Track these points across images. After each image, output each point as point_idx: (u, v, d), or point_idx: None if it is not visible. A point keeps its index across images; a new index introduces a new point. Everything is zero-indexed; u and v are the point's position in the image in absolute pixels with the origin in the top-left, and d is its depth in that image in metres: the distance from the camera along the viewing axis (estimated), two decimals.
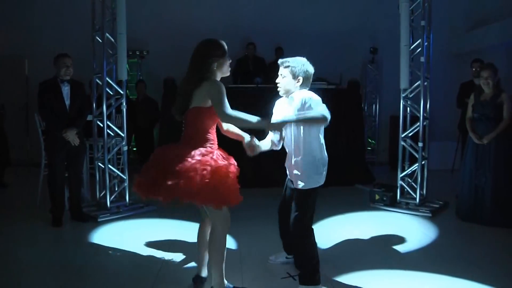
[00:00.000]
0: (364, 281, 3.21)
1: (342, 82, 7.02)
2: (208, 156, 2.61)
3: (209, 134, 2.73)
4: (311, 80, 3.06)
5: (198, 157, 2.57)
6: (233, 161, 2.75)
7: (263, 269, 3.41)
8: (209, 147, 2.71)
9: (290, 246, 3.42)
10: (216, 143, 2.79)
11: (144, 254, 3.74)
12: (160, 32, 8.29)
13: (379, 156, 8.82)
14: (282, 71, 3.01)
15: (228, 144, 2.96)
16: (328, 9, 8.56)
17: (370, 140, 8.98)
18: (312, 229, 3.06)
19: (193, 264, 3.46)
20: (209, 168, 2.55)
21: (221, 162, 2.64)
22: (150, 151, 7.93)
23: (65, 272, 3.34)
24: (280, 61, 3.05)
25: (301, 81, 2.98)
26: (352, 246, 3.98)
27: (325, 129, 3.12)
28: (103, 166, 4.95)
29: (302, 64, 2.99)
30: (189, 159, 2.55)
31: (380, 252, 3.83)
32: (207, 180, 2.51)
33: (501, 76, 4.72)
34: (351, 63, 8.51)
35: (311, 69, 3.03)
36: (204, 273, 3.06)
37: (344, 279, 3.23)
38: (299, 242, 3.02)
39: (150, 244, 3.98)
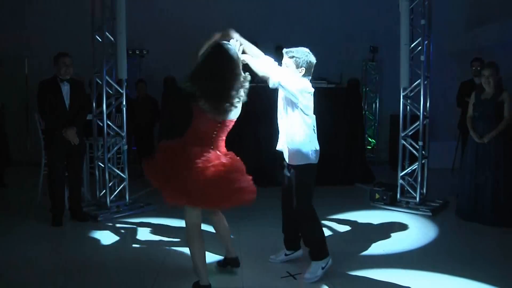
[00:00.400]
0: (364, 280, 3.21)
1: (342, 81, 7.02)
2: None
3: None
4: (312, 70, 3.17)
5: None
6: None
7: (263, 268, 3.41)
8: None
9: (290, 241, 3.49)
10: None
11: (144, 253, 3.74)
12: (160, 31, 8.28)
13: (379, 155, 8.82)
14: (286, 60, 3.13)
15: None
16: (328, 7, 8.56)
17: (370, 139, 8.97)
18: (314, 209, 3.19)
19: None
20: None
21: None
22: (150, 150, 7.94)
23: (65, 272, 3.33)
24: (285, 50, 3.15)
25: (303, 71, 3.11)
26: (352, 245, 3.97)
27: (325, 128, 3.17)
28: (103, 166, 4.95)
29: (305, 54, 3.11)
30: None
31: (380, 251, 3.83)
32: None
33: (502, 75, 4.71)
34: (351, 62, 8.50)
35: (313, 60, 3.16)
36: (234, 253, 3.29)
37: (344, 278, 3.23)
38: (304, 222, 3.19)
39: (150, 244, 3.98)
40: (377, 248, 3.92)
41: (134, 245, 3.93)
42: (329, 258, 3.24)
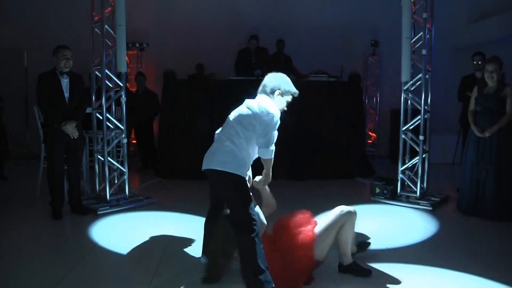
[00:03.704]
0: None
1: (343, 75, 7.00)
2: None
3: None
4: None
5: None
6: None
7: None
8: None
9: None
10: None
11: (144, 247, 3.73)
12: (160, 24, 8.24)
13: (379, 149, 8.81)
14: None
15: None
16: (329, 1, 8.52)
17: (370, 133, 8.96)
18: None
19: (192, 256, 3.46)
20: None
21: None
22: (149, 144, 7.89)
23: (65, 265, 3.33)
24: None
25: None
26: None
27: (326, 122, 3.14)
28: (102, 159, 4.93)
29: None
30: None
31: (380, 246, 3.82)
32: None
33: (504, 69, 4.69)
34: (352, 56, 8.47)
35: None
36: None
37: (344, 273, 3.22)
38: None
39: (149, 237, 3.97)
40: (377, 242, 3.90)
41: (133, 239, 3.91)
42: None
